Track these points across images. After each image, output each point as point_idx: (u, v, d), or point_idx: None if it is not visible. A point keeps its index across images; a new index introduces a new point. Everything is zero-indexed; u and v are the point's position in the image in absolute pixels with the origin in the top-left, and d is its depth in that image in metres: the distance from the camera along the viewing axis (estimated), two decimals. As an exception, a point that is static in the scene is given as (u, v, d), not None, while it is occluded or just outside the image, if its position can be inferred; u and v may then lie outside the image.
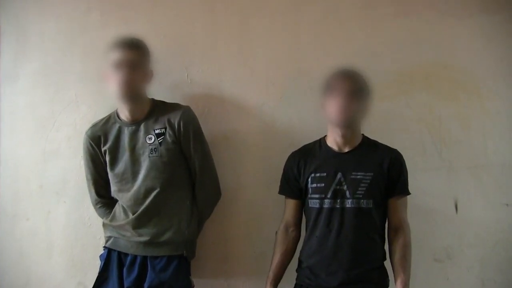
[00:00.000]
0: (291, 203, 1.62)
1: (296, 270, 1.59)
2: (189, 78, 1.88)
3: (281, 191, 1.64)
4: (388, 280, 1.53)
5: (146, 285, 1.56)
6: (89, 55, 1.91)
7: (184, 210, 1.64)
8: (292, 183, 1.59)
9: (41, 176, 1.95)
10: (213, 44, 1.87)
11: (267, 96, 1.85)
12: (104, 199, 1.72)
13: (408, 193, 1.55)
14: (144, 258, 1.61)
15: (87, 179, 1.73)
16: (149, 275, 1.57)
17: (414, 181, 1.57)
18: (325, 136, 1.61)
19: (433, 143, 1.79)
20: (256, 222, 1.84)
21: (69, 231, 1.93)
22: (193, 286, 1.66)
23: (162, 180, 1.59)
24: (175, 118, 1.62)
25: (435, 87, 1.80)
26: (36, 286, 1.96)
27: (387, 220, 1.56)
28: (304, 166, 1.57)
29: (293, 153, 1.64)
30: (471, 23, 1.79)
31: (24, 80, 1.97)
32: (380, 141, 1.61)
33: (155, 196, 1.59)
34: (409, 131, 1.79)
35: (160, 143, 1.60)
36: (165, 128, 1.61)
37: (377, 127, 1.77)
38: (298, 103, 1.83)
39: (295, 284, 1.57)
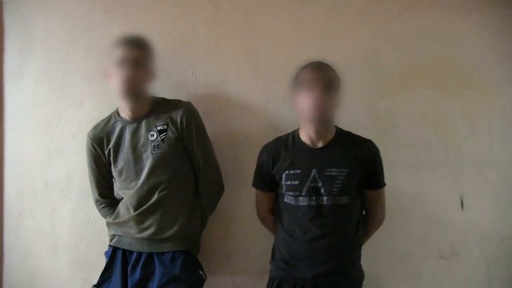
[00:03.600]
0: (267, 195, 1.63)
1: (270, 262, 1.59)
2: (193, 76, 1.87)
3: (256, 185, 1.64)
4: (363, 274, 1.55)
5: (156, 281, 1.56)
6: (93, 53, 1.91)
7: (188, 206, 1.64)
8: (267, 178, 1.59)
9: (46, 174, 1.96)
10: (217, 42, 1.87)
11: (272, 94, 1.85)
12: (107, 199, 1.73)
13: (383, 186, 1.55)
14: (150, 255, 1.61)
15: (90, 180, 1.73)
16: (158, 271, 1.57)
17: (419, 179, 1.57)
18: (299, 128, 1.58)
19: (438, 140, 1.78)
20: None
21: (74, 228, 1.93)
22: (206, 279, 1.66)
23: (166, 177, 1.59)
24: (177, 114, 1.62)
25: (440, 84, 1.79)
26: (41, 283, 1.97)
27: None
28: (278, 162, 1.55)
29: (267, 146, 1.61)
30: (477, 19, 1.78)
31: (28, 78, 1.97)
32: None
33: (159, 193, 1.59)
34: (415, 128, 1.79)
35: (162, 140, 1.60)
36: (167, 125, 1.61)
37: (382, 124, 1.77)
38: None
39: (270, 277, 1.57)
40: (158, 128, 1.61)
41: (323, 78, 1.44)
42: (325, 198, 1.47)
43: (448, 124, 1.78)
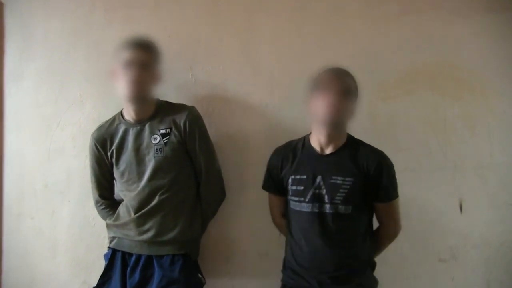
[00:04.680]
0: (278, 199, 1.62)
1: (282, 271, 1.59)
2: (193, 78, 1.88)
3: (266, 188, 1.64)
4: (376, 284, 1.53)
5: (155, 283, 1.56)
6: (94, 54, 1.91)
7: (188, 209, 1.64)
8: (277, 182, 1.58)
9: (45, 175, 1.96)
10: (217, 43, 1.87)
11: (272, 96, 1.85)
12: (107, 200, 1.73)
13: (393, 199, 1.50)
14: (149, 257, 1.61)
15: (91, 181, 1.73)
16: (157, 273, 1.58)
17: (419, 181, 1.56)
18: (310, 133, 1.57)
19: (438, 143, 1.78)
20: (260, 222, 1.83)
21: (74, 230, 1.93)
22: (205, 283, 1.66)
23: (168, 180, 1.59)
24: (181, 118, 1.62)
25: (440, 87, 1.79)
26: (40, 285, 1.96)
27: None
28: (286, 166, 1.54)
29: (277, 149, 1.61)
30: (477, 21, 1.78)
31: (29, 79, 1.97)
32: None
33: (160, 196, 1.59)
34: (414, 131, 1.79)
35: (165, 143, 1.60)
36: (171, 128, 1.61)
37: (382, 127, 1.77)
38: (302, 103, 1.82)
39: (281, 285, 1.58)
40: (161, 131, 1.61)
41: (340, 83, 1.43)
42: (327, 206, 1.45)
43: (447, 127, 1.78)
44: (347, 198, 1.44)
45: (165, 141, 1.60)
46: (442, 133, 1.78)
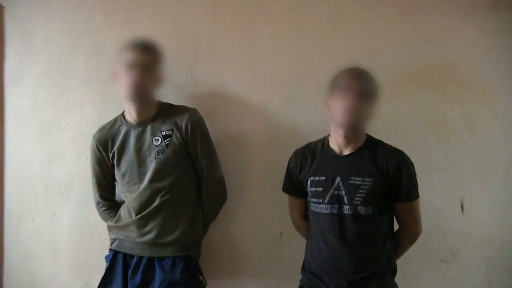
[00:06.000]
0: (298, 201, 1.60)
1: (301, 272, 1.58)
2: (193, 79, 1.88)
3: (286, 190, 1.62)
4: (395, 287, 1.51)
5: (156, 285, 1.56)
6: (93, 57, 1.91)
7: (190, 211, 1.64)
8: (297, 184, 1.57)
9: (46, 178, 1.96)
10: (217, 45, 1.87)
11: (271, 97, 1.85)
12: (107, 201, 1.73)
13: (414, 199, 1.48)
14: (150, 259, 1.61)
15: (92, 182, 1.73)
16: (159, 275, 1.58)
17: (419, 181, 1.55)
18: (329, 135, 1.56)
19: (438, 144, 1.78)
20: (260, 223, 1.84)
21: (74, 232, 1.93)
22: (206, 285, 1.66)
23: (169, 182, 1.59)
24: (183, 120, 1.62)
25: (440, 87, 1.79)
26: (41, 287, 1.96)
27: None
28: (305, 168, 1.53)
29: (296, 151, 1.60)
30: (477, 22, 1.78)
31: (29, 83, 1.98)
32: (385, 141, 1.59)
33: (161, 197, 1.59)
34: (414, 131, 1.79)
35: (167, 145, 1.60)
36: (172, 130, 1.61)
37: (382, 127, 1.75)
38: (302, 103, 1.83)
39: (299, 286, 1.57)
40: (163, 133, 1.61)
41: (359, 85, 1.40)
42: (347, 207, 1.43)
43: (447, 127, 1.78)
44: (367, 198, 1.42)
45: (166, 142, 1.60)
46: (442, 133, 1.78)
